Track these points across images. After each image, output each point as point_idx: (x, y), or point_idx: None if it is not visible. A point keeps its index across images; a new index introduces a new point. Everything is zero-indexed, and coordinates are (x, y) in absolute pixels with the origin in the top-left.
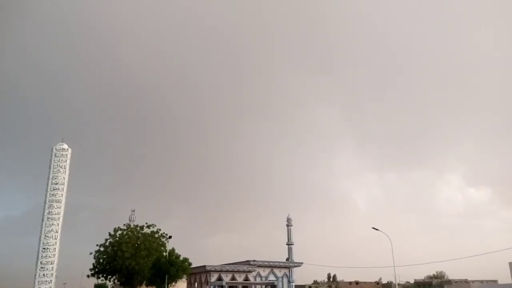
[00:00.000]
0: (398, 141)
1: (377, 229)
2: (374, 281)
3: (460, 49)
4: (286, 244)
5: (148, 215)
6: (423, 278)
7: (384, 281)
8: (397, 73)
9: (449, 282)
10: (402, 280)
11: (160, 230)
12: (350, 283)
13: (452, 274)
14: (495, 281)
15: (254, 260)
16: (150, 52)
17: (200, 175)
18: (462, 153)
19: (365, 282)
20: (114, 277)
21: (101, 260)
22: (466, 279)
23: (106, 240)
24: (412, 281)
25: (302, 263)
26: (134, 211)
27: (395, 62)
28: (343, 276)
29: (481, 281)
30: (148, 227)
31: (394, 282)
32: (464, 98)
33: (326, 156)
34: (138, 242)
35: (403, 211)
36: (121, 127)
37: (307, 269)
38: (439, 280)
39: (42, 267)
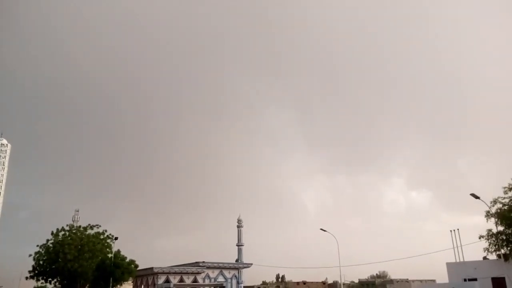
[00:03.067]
0: (346, 145)
1: (324, 230)
2: (320, 281)
3: (401, 55)
4: (236, 245)
5: (93, 216)
6: (367, 278)
7: (330, 281)
8: (345, 79)
9: (391, 281)
10: (347, 280)
11: (105, 231)
12: (297, 283)
13: (394, 273)
14: (434, 281)
15: (203, 262)
16: (91, 48)
17: (147, 175)
18: (405, 158)
19: (312, 282)
20: (55, 280)
21: (41, 262)
22: (407, 279)
23: (48, 241)
24: (356, 281)
25: (251, 264)
26: (78, 211)
27: (344, 66)
28: (291, 276)
29: (421, 281)
30: (92, 228)
31: (339, 281)
32: (404, 105)
33: (277, 158)
34: (82, 244)
35: (350, 213)
36: (66, 124)
37: (256, 270)
38: (382, 280)
39: None
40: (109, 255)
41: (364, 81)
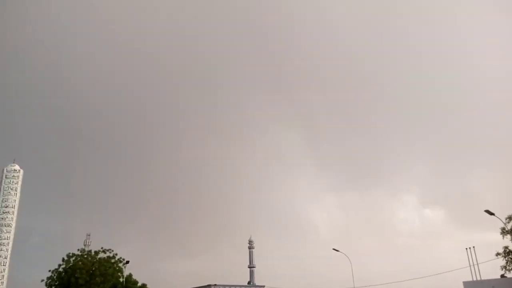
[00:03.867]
0: (355, 163)
1: (337, 250)
2: None
3: (409, 73)
4: (248, 267)
5: (104, 240)
6: None
7: None
8: (354, 96)
9: None
10: None
11: (116, 255)
12: None
13: None
14: None
15: (215, 285)
16: (95, 71)
17: (158, 199)
18: (416, 175)
19: None
20: None
21: (53, 287)
22: None
23: (59, 266)
24: None
25: (264, 286)
26: (89, 235)
27: (353, 84)
28: None
29: None
30: (104, 251)
31: None
32: (414, 122)
33: (288, 179)
34: (93, 268)
35: (362, 232)
36: (75, 150)
37: None
38: None
39: None
40: (121, 279)
41: (371, 98)
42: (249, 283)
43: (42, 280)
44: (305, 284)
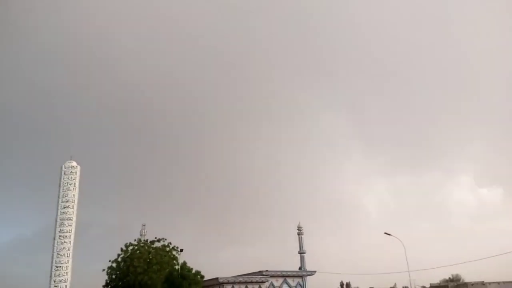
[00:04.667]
0: (406, 144)
1: (389, 234)
2: (389, 287)
3: (464, 49)
4: (298, 253)
5: (158, 229)
6: (438, 282)
7: (399, 287)
8: (400, 76)
9: (466, 285)
10: (418, 285)
11: (170, 243)
12: None
13: (468, 276)
14: None
15: (266, 270)
16: (151, 66)
17: (207, 187)
18: (472, 154)
19: None
20: None
21: (113, 276)
22: (483, 281)
23: (118, 255)
24: (427, 286)
25: (315, 271)
26: (144, 225)
27: (398, 64)
28: (357, 283)
29: (498, 283)
30: (159, 241)
31: (409, 287)
32: (470, 98)
33: (334, 163)
34: (150, 257)
35: (415, 215)
36: (129, 144)
37: (320, 277)
38: (455, 283)
39: (55, 286)
40: (176, 267)
41: (420, 77)
42: (300, 268)
43: (103, 270)
44: (356, 269)
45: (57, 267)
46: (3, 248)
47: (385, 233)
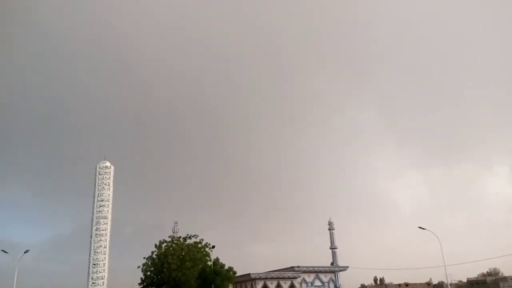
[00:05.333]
0: (438, 136)
1: (423, 228)
2: (424, 282)
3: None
4: (330, 248)
5: (190, 226)
6: (476, 276)
7: (435, 281)
8: (431, 67)
9: (505, 278)
10: (454, 279)
11: (203, 240)
12: (399, 285)
13: (507, 270)
14: None
15: (298, 266)
16: (184, 66)
17: (238, 184)
18: (508, 145)
19: (415, 283)
20: None
21: (148, 273)
22: None
23: (152, 252)
24: (464, 280)
25: (347, 267)
26: (177, 223)
27: (428, 56)
28: (391, 278)
29: None
30: (191, 237)
31: (445, 282)
32: (505, 88)
33: (365, 158)
34: (183, 254)
35: (450, 208)
36: (160, 145)
37: (353, 272)
38: (494, 278)
39: (93, 283)
40: (209, 263)
41: (451, 68)
42: (332, 264)
43: (139, 267)
44: (389, 264)
45: (94, 264)
46: (43, 246)
47: (419, 227)
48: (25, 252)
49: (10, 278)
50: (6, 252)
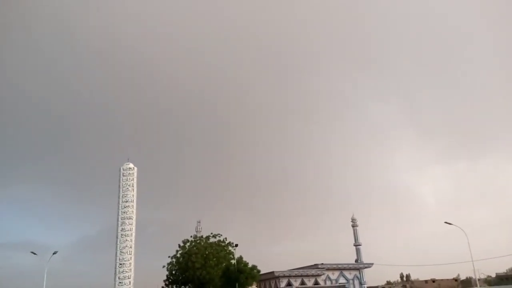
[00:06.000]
0: (462, 129)
1: (450, 224)
2: (452, 277)
3: None
4: (354, 245)
5: (212, 225)
6: (505, 271)
7: (462, 277)
8: (451, 60)
9: None
10: (483, 275)
11: (226, 239)
12: (426, 281)
13: None
14: None
15: (322, 264)
16: (198, 64)
17: (258, 182)
18: None
19: (442, 279)
20: (187, 287)
21: (173, 272)
22: None
23: (177, 251)
24: (493, 275)
25: (372, 263)
26: (200, 222)
27: (448, 48)
28: (417, 274)
29: None
30: (214, 236)
31: (474, 277)
32: None
33: (387, 152)
34: (207, 252)
35: (476, 202)
36: (181, 143)
37: (378, 269)
38: None
39: (120, 282)
40: (232, 262)
41: (471, 60)
42: (356, 261)
43: (164, 266)
44: (415, 260)
45: (120, 264)
46: (70, 247)
47: (446, 222)
48: (53, 254)
49: (39, 279)
50: (35, 254)
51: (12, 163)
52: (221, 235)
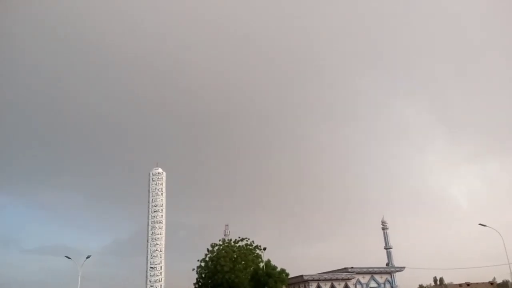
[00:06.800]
0: (494, 128)
1: (484, 225)
2: (487, 281)
3: None
4: (384, 249)
5: (240, 229)
6: None
7: (499, 280)
8: (481, 57)
9: None
10: None
11: (253, 242)
12: (460, 285)
13: None
14: None
15: (352, 267)
16: (238, 73)
17: (286, 185)
18: None
19: (477, 283)
20: None
21: (203, 275)
22: None
23: (206, 255)
24: None
25: (404, 267)
26: (227, 225)
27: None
28: (451, 278)
29: None
30: (242, 240)
31: (511, 280)
32: None
33: (417, 153)
34: (235, 256)
35: (509, 203)
36: (207, 150)
37: (410, 273)
38: None
39: (151, 286)
40: (261, 265)
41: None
42: (387, 265)
43: (193, 269)
44: (448, 263)
45: (151, 267)
46: (103, 251)
47: (480, 224)
48: (87, 258)
49: (73, 283)
50: (69, 258)
51: (45, 170)
52: (249, 239)
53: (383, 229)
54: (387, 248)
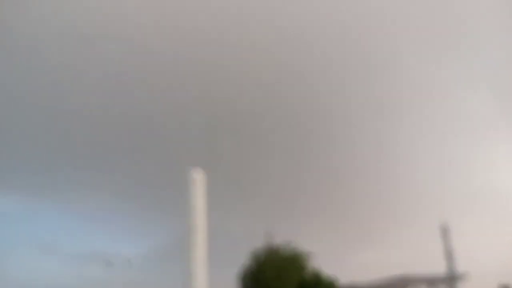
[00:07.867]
0: None
1: None
2: None
3: None
4: (446, 254)
5: (285, 234)
6: None
7: None
8: None
9: None
10: None
11: (300, 248)
12: None
13: None
14: None
15: (408, 275)
16: (280, 72)
17: (335, 189)
18: None
19: None
20: None
21: (246, 283)
22: None
23: (249, 262)
24: None
25: (467, 274)
26: (272, 231)
27: None
28: None
29: None
30: (288, 246)
31: None
32: None
33: (480, 147)
34: (280, 263)
35: None
36: (251, 152)
37: (475, 281)
38: None
39: None
40: (308, 273)
41: None
42: (449, 271)
43: (236, 277)
44: None
45: (192, 275)
46: (142, 258)
47: None
48: (127, 264)
49: None
50: (110, 264)
51: (79, 176)
52: (295, 244)
53: (444, 233)
54: (449, 253)
